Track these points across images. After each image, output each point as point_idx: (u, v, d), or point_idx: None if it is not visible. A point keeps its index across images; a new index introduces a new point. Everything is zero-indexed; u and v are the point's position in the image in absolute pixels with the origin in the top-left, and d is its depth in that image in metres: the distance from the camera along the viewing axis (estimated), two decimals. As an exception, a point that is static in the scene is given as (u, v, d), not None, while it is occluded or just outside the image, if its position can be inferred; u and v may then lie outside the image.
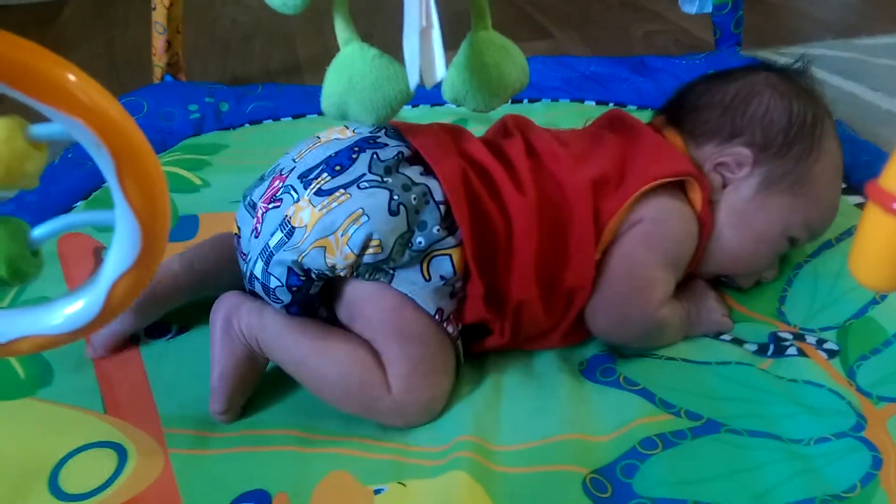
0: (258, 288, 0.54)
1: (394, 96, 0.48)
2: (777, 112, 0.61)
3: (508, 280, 0.55)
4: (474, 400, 0.56)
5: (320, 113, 0.99)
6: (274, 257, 0.52)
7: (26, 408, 0.56)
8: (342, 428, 0.54)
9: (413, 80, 0.46)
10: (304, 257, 0.51)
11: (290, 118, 1.01)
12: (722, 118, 0.62)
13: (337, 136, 0.57)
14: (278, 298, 0.53)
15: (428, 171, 0.54)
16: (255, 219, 0.55)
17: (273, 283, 0.53)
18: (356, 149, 0.54)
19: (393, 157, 0.54)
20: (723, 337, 0.61)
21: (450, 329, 0.54)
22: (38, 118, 0.29)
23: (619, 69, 1.07)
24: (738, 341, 0.61)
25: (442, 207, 0.53)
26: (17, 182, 0.28)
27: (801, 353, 0.59)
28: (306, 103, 1.03)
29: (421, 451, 0.52)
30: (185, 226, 0.77)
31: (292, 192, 0.54)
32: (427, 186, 0.53)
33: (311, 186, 0.53)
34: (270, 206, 0.54)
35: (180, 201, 0.80)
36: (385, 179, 0.52)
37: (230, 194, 0.79)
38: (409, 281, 0.52)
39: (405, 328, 0.53)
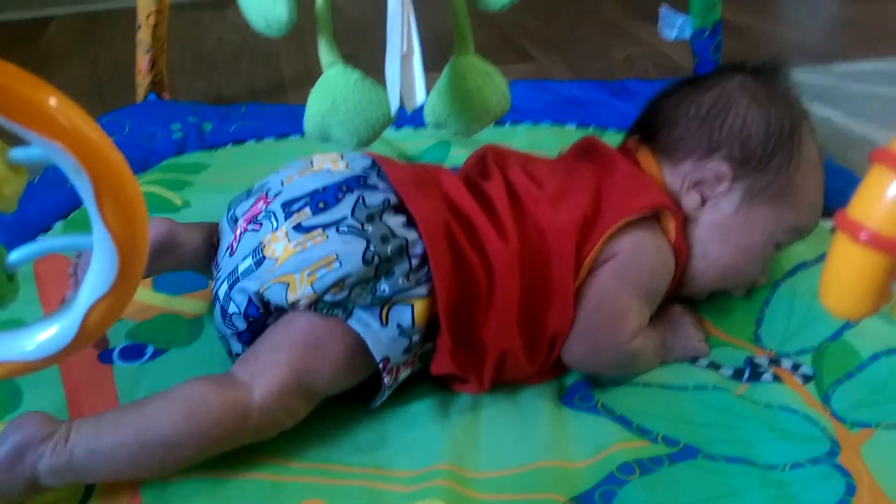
0: (217, 309, 0.54)
1: (376, 119, 0.48)
2: (754, 124, 0.60)
3: (489, 330, 0.54)
4: (452, 425, 0.55)
5: (304, 134, 1.01)
6: (238, 283, 0.52)
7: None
8: (316, 454, 0.53)
9: (394, 104, 0.46)
10: (265, 289, 0.51)
11: (274, 138, 1.01)
12: (698, 133, 0.61)
13: (329, 166, 0.57)
14: (233, 324, 0.53)
15: (411, 222, 0.53)
16: (234, 236, 0.55)
17: (231, 308, 0.53)
18: (345, 188, 0.54)
19: (379, 205, 0.54)
20: (699, 362, 0.62)
21: (386, 380, 0.53)
22: (17, 141, 0.29)
23: (599, 93, 1.08)
24: (714, 366, 0.61)
25: (414, 261, 0.52)
26: (-7, 206, 0.28)
27: (777, 378, 0.59)
28: (290, 124, 1.03)
29: (396, 475, 0.51)
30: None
31: (273, 220, 0.54)
32: (406, 240, 0.52)
33: (292, 219, 0.53)
34: (249, 227, 0.54)
35: None
36: (365, 227, 0.52)
37: (211, 215, 0.77)
38: (364, 322, 0.52)
39: (325, 342, 0.51)
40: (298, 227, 0.52)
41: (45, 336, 0.31)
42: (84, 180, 0.29)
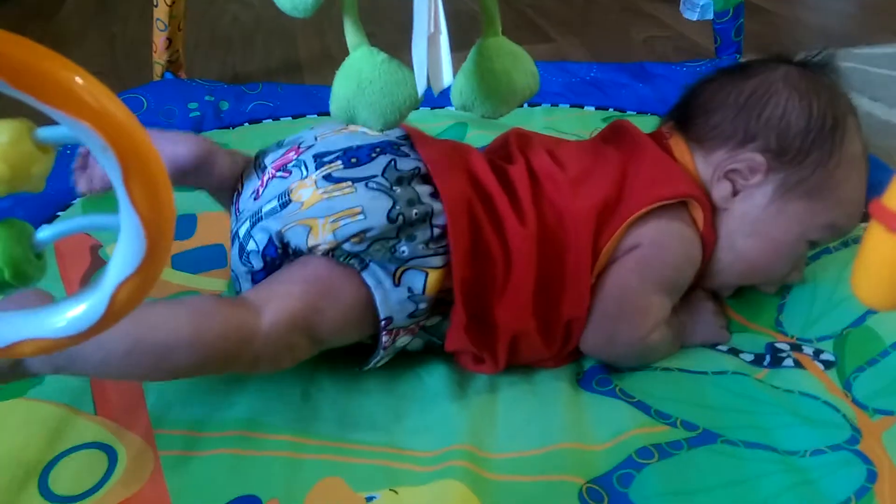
0: (235, 248, 0.55)
1: (402, 101, 0.48)
2: (794, 114, 0.58)
3: (503, 311, 0.54)
4: (469, 406, 0.56)
5: (320, 113, 1.01)
6: (260, 222, 0.53)
7: (17, 408, 0.55)
8: (335, 432, 0.54)
9: (421, 86, 0.46)
10: (287, 229, 0.52)
11: (290, 118, 1.01)
12: (735, 121, 0.59)
13: (364, 130, 0.57)
14: (250, 262, 0.54)
15: (437, 195, 0.54)
16: (260, 182, 0.56)
17: (250, 246, 0.53)
18: (378, 149, 0.55)
19: (409, 170, 0.54)
20: (719, 347, 0.61)
21: (384, 338, 0.53)
22: (46, 121, 0.29)
23: (619, 75, 1.07)
24: (734, 351, 0.61)
25: (436, 230, 0.52)
26: (23, 185, 0.28)
27: (798, 364, 0.59)
28: (306, 103, 1.03)
29: (413, 455, 0.52)
30: (183, 225, 0.76)
31: (303, 168, 0.54)
32: (431, 208, 0.53)
33: (323, 169, 0.53)
34: (278, 174, 0.55)
35: (178, 200, 0.78)
36: (394, 189, 0.52)
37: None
38: (377, 277, 0.52)
39: (333, 283, 0.51)
40: (328, 177, 0.53)
41: (75, 313, 0.31)
42: (112, 160, 0.29)
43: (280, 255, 0.53)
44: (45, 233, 0.31)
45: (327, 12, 0.52)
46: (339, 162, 0.54)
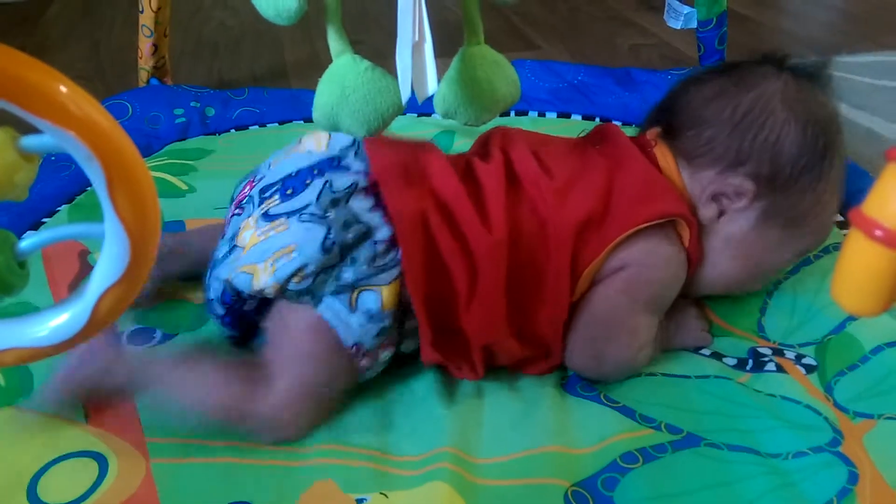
0: (207, 293, 0.56)
1: (386, 109, 0.48)
2: (789, 140, 0.56)
3: (473, 322, 0.53)
4: (457, 410, 0.56)
5: (306, 119, 1.01)
6: (214, 270, 0.54)
7: (6, 417, 0.55)
8: (325, 437, 0.53)
9: (405, 94, 0.46)
10: (233, 278, 0.53)
11: (277, 124, 1.01)
12: (728, 141, 0.57)
13: (312, 146, 0.58)
14: (214, 310, 0.56)
15: (378, 205, 0.53)
16: (227, 219, 0.58)
17: (210, 294, 0.55)
18: (316, 171, 0.55)
19: (345, 188, 0.54)
20: (702, 351, 0.62)
21: (363, 362, 0.54)
22: (30, 129, 0.29)
23: (605, 80, 1.08)
24: (717, 355, 0.61)
25: (379, 247, 0.52)
26: (7, 194, 0.28)
27: (780, 368, 0.60)
28: (292, 109, 1.03)
29: (402, 460, 0.52)
30: (171, 231, 0.76)
31: (251, 205, 0.55)
32: (369, 226, 0.52)
33: (263, 206, 0.54)
34: (236, 211, 0.57)
35: (166, 206, 0.80)
36: (328, 213, 0.52)
37: (216, 200, 0.79)
38: (333, 309, 0.52)
39: (312, 350, 0.53)
40: (266, 216, 0.53)
41: (57, 322, 0.31)
42: (96, 169, 0.29)
43: (235, 301, 0.54)
44: (28, 242, 0.31)
45: (315, 19, 0.52)
46: (277, 196, 0.54)
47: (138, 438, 0.53)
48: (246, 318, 0.56)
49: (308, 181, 0.54)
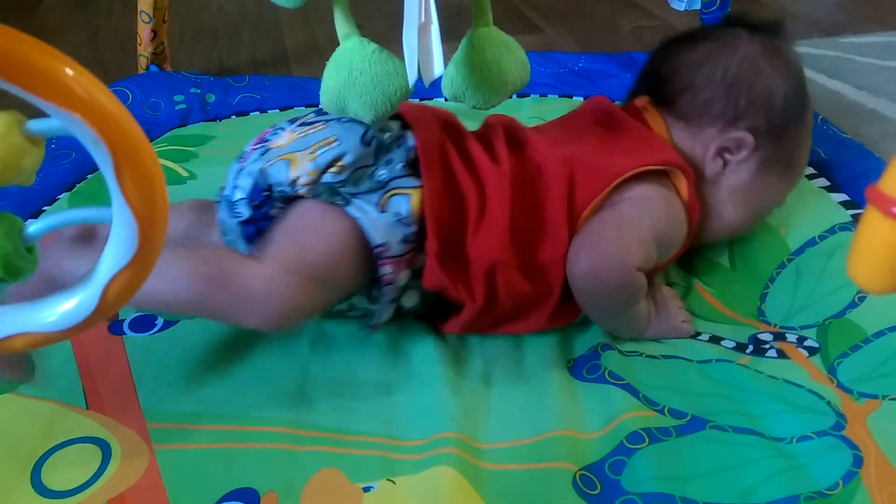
0: (224, 209, 0.56)
1: (393, 92, 0.48)
2: (777, 94, 0.61)
3: (479, 245, 0.55)
4: (463, 395, 0.56)
5: (308, 105, 1.00)
6: (244, 170, 0.55)
7: (8, 403, 0.55)
8: (330, 423, 0.54)
9: (412, 77, 0.46)
10: (269, 166, 0.53)
11: (278, 110, 1.01)
12: (724, 100, 0.61)
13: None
14: (239, 212, 0.55)
15: (406, 126, 0.56)
16: (242, 160, 0.57)
17: (237, 195, 0.55)
18: None
19: None
20: (700, 337, 0.62)
21: (387, 268, 0.53)
22: (36, 113, 0.28)
23: (607, 65, 1.07)
24: (716, 339, 0.61)
25: (412, 153, 0.55)
26: (13, 178, 0.28)
27: (782, 354, 0.59)
28: (293, 95, 1.02)
29: (406, 444, 0.52)
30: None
31: (279, 130, 0.57)
32: (403, 135, 0.55)
33: (296, 122, 0.57)
34: (258, 145, 0.57)
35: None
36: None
37: (217, 186, 0.78)
38: (362, 209, 0.53)
39: (326, 228, 0.53)
40: (302, 124, 0.56)
41: (66, 307, 0.31)
42: (103, 152, 0.28)
43: (265, 199, 0.54)
44: (36, 226, 0.31)
45: (314, 3, 0.52)
46: (311, 114, 0.58)
47: (140, 424, 0.53)
48: (263, 227, 0.55)
49: None
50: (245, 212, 0.55)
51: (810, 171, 0.78)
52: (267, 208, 0.55)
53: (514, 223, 0.55)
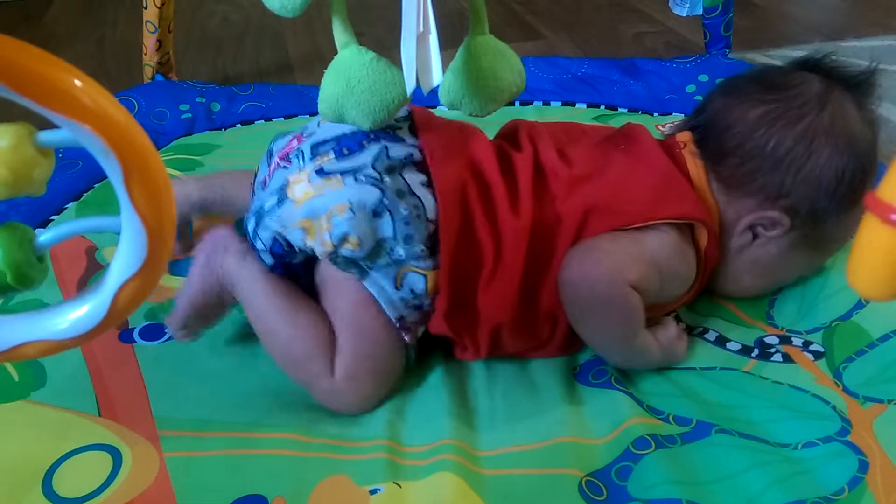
0: (249, 240, 0.57)
1: (391, 100, 0.48)
2: (828, 177, 0.56)
3: (488, 301, 0.55)
4: (468, 401, 0.56)
5: (312, 113, 1.01)
6: (263, 220, 0.54)
7: (20, 410, 0.56)
8: (337, 430, 0.54)
9: (410, 85, 0.46)
10: (287, 232, 0.53)
11: (282, 118, 1.01)
12: (770, 174, 0.57)
13: None
14: (262, 260, 0.56)
15: (430, 183, 0.54)
16: (268, 170, 0.57)
17: (259, 245, 0.55)
18: (372, 135, 0.55)
19: (401, 158, 0.54)
20: (706, 336, 0.62)
21: (406, 337, 0.55)
22: (45, 124, 0.29)
23: (610, 71, 1.07)
24: (721, 340, 0.61)
25: (431, 226, 0.53)
26: (25, 189, 0.28)
27: (787, 359, 0.59)
28: (298, 104, 1.03)
29: (411, 450, 0.52)
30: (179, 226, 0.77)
31: (300, 159, 0.55)
32: (421, 201, 0.53)
33: (316, 161, 0.54)
34: (282, 163, 0.56)
35: None
36: (384, 179, 0.53)
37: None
38: (379, 284, 0.53)
39: (363, 324, 0.54)
40: (320, 171, 0.53)
41: (77, 315, 0.31)
42: (113, 163, 0.29)
43: (286, 252, 0.54)
44: (46, 236, 0.31)
45: (317, 12, 0.52)
46: (331, 153, 0.54)
47: (151, 431, 0.54)
48: (292, 268, 0.56)
49: (364, 143, 0.54)
50: (269, 260, 0.55)
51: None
52: (289, 259, 0.55)
53: (525, 279, 0.55)
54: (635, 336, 0.56)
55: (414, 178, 0.54)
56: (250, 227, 0.55)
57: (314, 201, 0.52)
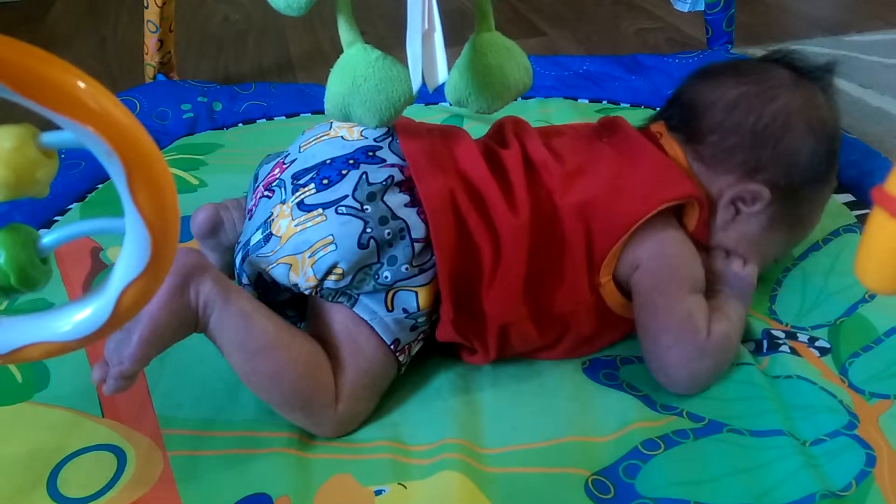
0: (239, 276, 0.56)
1: (397, 98, 0.48)
2: (803, 153, 0.59)
3: (492, 302, 0.54)
4: (473, 400, 0.56)
5: (314, 112, 1.01)
6: (248, 257, 0.54)
7: (24, 412, 0.56)
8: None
9: (416, 83, 0.46)
10: (270, 269, 0.53)
11: (284, 117, 1.01)
12: (750, 150, 0.59)
13: (345, 133, 0.57)
14: (249, 290, 0.55)
15: (414, 202, 0.53)
16: (253, 199, 0.57)
17: (244, 279, 0.55)
18: (351, 161, 0.54)
19: (381, 182, 0.53)
20: None
21: (401, 358, 0.55)
22: (49, 126, 0.29)
23: (612, 67, 1.07)
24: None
25: (416, 245, 0.52)
26: (28, 190, 0.28)
27: (794, 351, 0.59)
28: (300, 103, 1.03)
29: (415, 449, 0.52)
30: (184, 226, 0.76)
31: (282, 190, 0.55)
32: (405, 223, 0.52)
33: (297, 194, 0.54)
34: (265, 193, 0.56)
35: (179, 202, 0.80)
36: (365, 208, 0.52)
37: (227, 193, 0.78)
38: (370, 309, 0.53)
39: (359, 343, 0.53)
40: (301, 205, 0.53)
41: (81, 317, 0.31)
42: (116, 164, 0.29)
43: (271, 289, 0.55)
44: (50, 237, 0.31)
45: (319, 11, 0.52)
46: (312, 185, 0.54)
47: (154, 431, 0.54)
48: (277, 306, 0.56)
49: (344, 171, 0.54)
50: (254, 292, 0.55)
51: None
52: (273, 295, 0.55)
53: (529, 275, 0.54)
54: (735, 347, 0.58)
55: (397, 201, 0.53)
56: (237, 260, 0.55)
57: (297, 237, 0.52)
